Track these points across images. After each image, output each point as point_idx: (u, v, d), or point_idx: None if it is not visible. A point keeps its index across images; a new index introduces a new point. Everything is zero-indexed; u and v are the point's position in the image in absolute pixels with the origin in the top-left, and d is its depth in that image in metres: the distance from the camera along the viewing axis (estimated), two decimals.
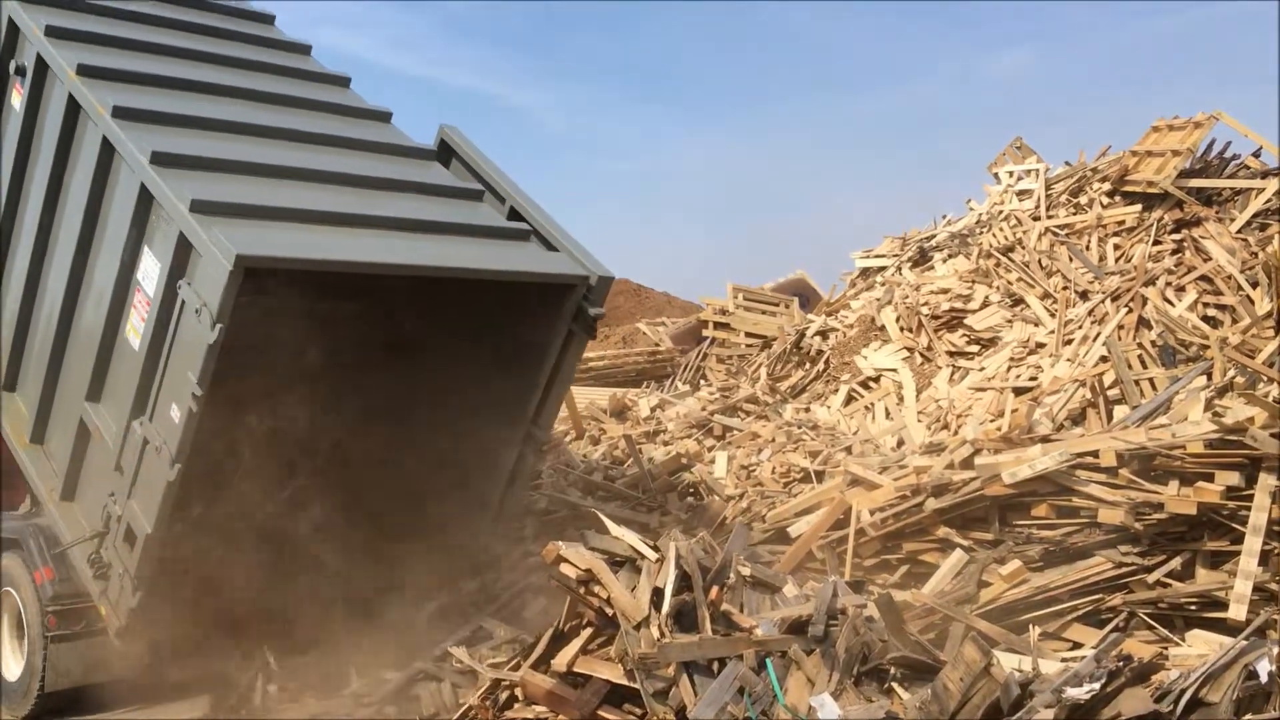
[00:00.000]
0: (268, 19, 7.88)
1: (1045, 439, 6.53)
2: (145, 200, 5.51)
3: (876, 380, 11.17)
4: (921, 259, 13.94)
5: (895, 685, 4.42)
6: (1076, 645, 5.38)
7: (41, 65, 6.22)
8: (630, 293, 28.50)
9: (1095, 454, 5.86)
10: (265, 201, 5.53)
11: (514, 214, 6.57)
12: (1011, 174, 14.38)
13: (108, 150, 5.76)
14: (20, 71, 6.38)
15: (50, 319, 6.31)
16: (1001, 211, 13.56)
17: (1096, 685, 3.81)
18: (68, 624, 6.54)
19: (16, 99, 6.43)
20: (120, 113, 5.72)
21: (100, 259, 5.94)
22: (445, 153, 7.05)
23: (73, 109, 6.00)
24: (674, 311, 25.09)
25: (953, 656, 4.20)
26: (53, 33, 6.25)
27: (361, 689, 5.96)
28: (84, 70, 5.97)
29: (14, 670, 6.90)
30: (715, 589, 4.84)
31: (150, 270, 5.50)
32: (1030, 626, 5.41)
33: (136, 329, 5.62)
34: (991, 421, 9.14)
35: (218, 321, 4.96)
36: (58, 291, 6.21)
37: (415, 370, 6.18)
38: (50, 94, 6.23)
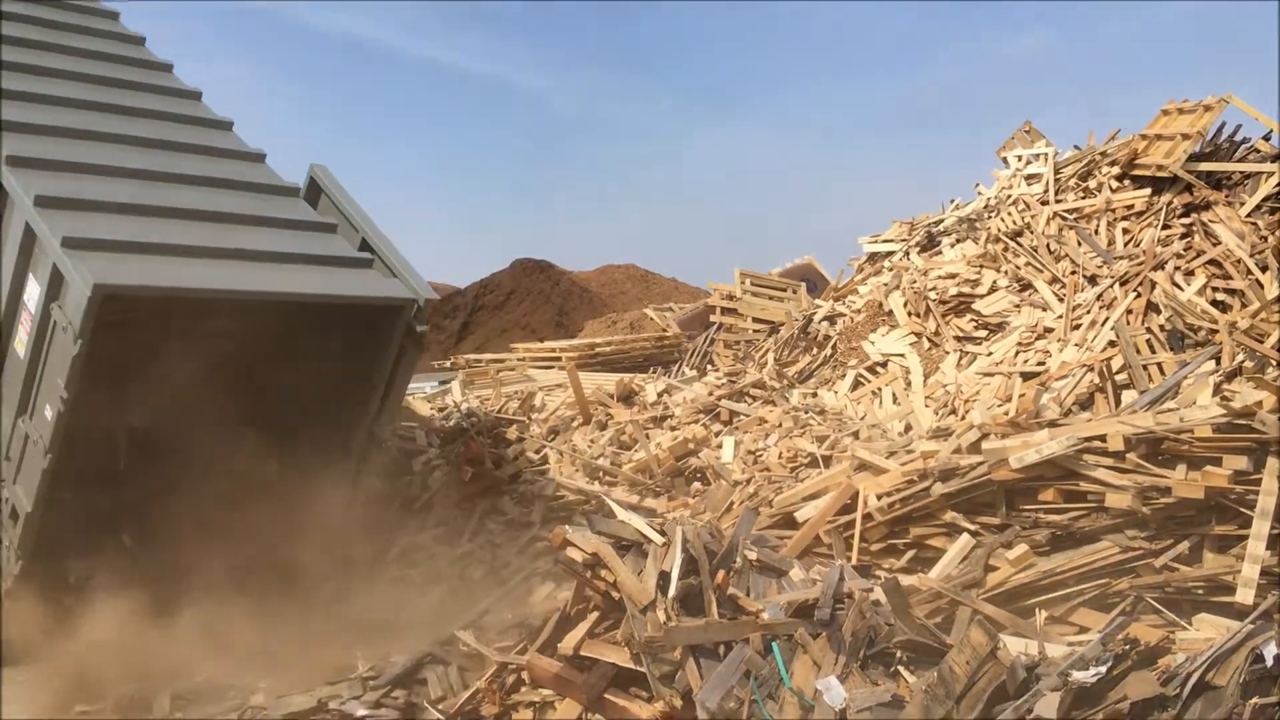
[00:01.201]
0: (166, 67, 8.75)
1: (1053, 424, 6.51)
2: (30, 236, 6.37)
3: (884, 365, 11.16)
4: (929, 244, 13.89)
5: (901, 669, 4.43)
6: (1083, 629, 5.38)
7: None
8: (638, 278, 28.55)
9: (1103, 438, 5.85)
10: (132, 237, 6.45)
11: (366, 245, 7.49)
12: (1020, 158, 14.31)
13: (2, 193, 6.57)
14: None
15: None
16: (1010, 196, 13.50)
17: (1103, 669, 3.81)
18: None
19: None
20: (14, 161, 6.62)
21: None
22: (314, 190, 7.95)
23: None
24: (681, 297, 25.15)
25: (959, 640, 4.21)
26: None
27: (369, 672, 6.00)
28: None
29: None
30: (721, 573, 4.86)
31: (33, 294, 6.42)
32: (1037, 611, 5.42)
33: (23, 342, 6.53)
34: (999, 406, 9.13)
35: (79, 338, 5.89)
36: None
37: (276, 378, 7.13)
38: None
